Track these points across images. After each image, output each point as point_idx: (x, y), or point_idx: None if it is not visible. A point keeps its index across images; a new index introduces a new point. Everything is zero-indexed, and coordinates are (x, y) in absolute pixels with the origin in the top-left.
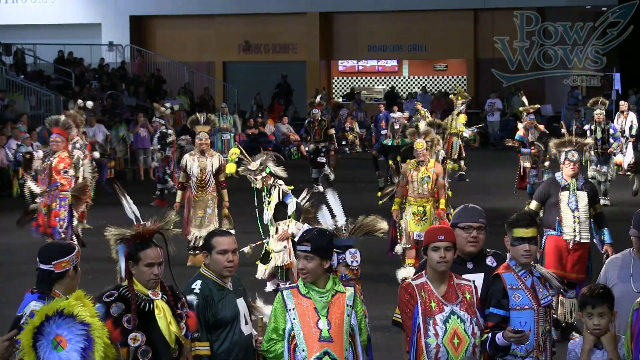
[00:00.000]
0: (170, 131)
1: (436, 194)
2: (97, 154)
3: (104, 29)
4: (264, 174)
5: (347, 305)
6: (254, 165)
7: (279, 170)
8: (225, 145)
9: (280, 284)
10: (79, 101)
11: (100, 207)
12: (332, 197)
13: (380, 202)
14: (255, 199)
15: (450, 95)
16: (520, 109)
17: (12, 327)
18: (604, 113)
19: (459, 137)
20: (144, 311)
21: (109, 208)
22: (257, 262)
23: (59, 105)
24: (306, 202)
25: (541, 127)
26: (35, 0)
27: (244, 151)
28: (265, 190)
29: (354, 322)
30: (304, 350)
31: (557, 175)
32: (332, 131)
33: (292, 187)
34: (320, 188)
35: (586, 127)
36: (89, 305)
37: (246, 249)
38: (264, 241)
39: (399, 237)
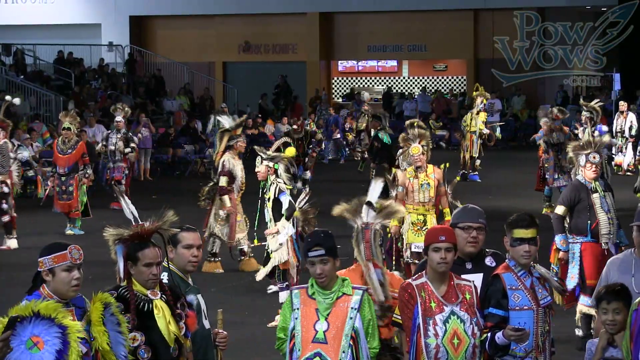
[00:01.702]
0: (133, 136)
1: (438, 201)
2: (26, 154)
3: (103, 29)
4: (269, 164)
5: (352, 308)
6: (270, 154)
7: (285, 176)
8: None
9: (273, 286)
10: (7, 97)
11: (99, 207)
12: (374, 185)
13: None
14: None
15: (474, 93)
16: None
17: (7, 327)
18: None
19: (478, 136)
20: (143, 311)
21: (108, 208)
22: (259, 267)
23: (58, 106)
24: (304, 204)
25: (566, 129)
26: (35, 1)
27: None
28: (264, 184)
29: (358, 325)
30: (299, 350)
31: (580, 178)
32: (319, 136)
33: (290, 187)
34: (307, 188)
35: (578, 130)
36: (98, 310)
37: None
38: (262, 243)
39: (402, 252)
